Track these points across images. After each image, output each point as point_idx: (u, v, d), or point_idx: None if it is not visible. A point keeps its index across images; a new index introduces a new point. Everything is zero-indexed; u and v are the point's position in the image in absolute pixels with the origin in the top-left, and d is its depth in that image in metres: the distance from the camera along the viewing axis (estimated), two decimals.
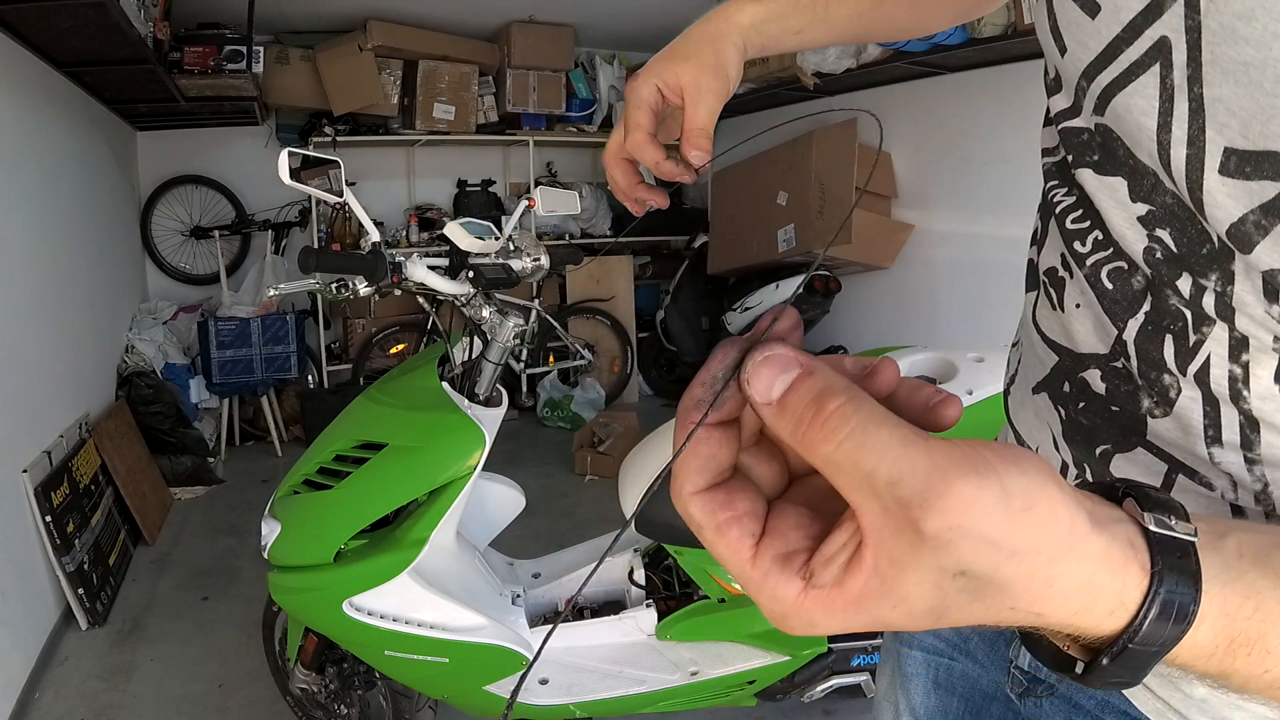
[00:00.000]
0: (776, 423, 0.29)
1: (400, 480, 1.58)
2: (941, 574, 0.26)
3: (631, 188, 0.68)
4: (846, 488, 0.27)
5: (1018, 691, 0.58)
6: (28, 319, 2.67)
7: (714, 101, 0.61)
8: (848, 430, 0.27)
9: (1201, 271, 0.39)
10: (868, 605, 0.27)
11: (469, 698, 1.72)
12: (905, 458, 0.26)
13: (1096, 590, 0.28)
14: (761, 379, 0.29)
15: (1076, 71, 0.42)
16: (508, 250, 1.80)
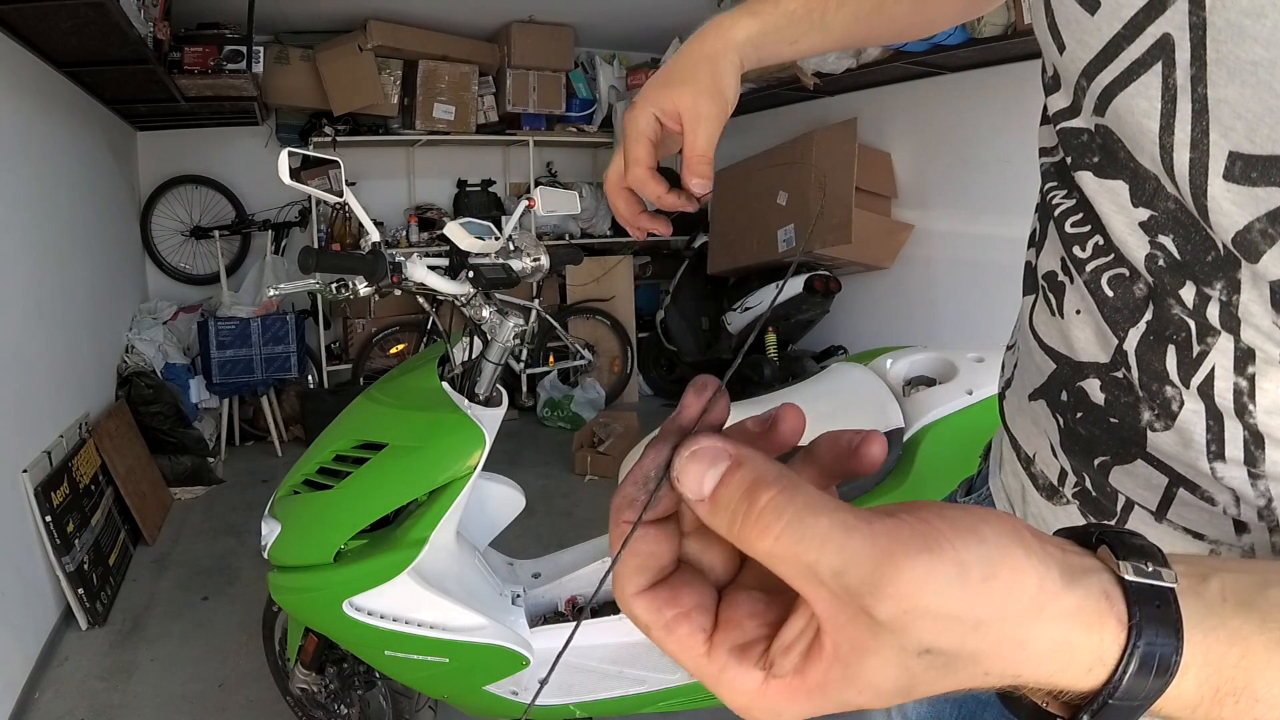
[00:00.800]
0: (711, 519, 0.28)
1: (400, 480, 1.58)
2: (904, 654, 0.25)
3: (635, 217, 0.68)
4: (792, 579, 0.26)
5: None
6: (28, 319, 2.67)
7: (713, 127, 0.61)
8: (783, 524, 0.26)
9: (1206, 280, 0.37)
10: (831, 692, 0.26)
11: (469, 698, 1.72)
12: (847, 546, 0.25)
13: (1073, 649, 0.27)
14: (691, 475, 0.28)
15: (1076, 70, 0.40)
16: (508, 250, 1.80)
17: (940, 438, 1.65)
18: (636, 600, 0.29)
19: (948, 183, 3.88)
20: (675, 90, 0.61)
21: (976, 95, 3.66)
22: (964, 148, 3.75)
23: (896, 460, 1.68)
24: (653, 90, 0.62)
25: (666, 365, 5.24)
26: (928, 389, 1.74)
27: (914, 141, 4.06)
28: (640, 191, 0.64)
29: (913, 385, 1.80)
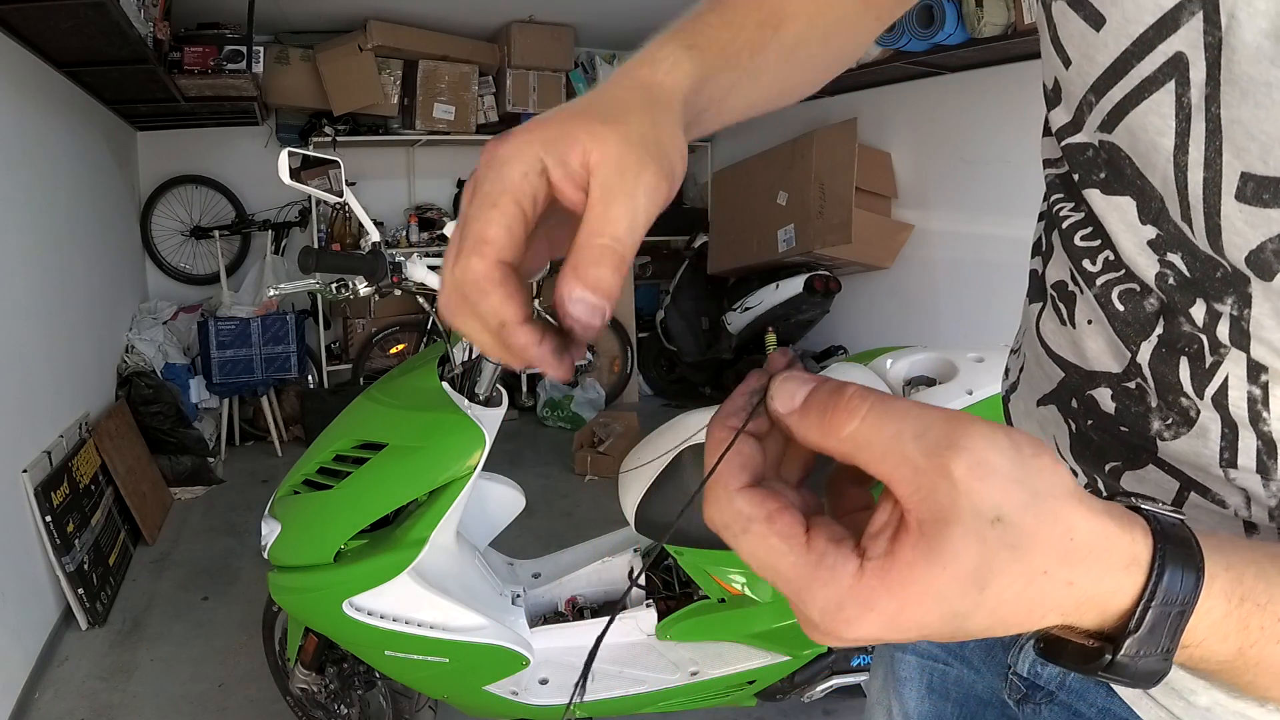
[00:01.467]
0: (802, 424, 0.30)
1: (400, 480, 1.58)
2: (980, 521, 0.27)
3: (498, 348, 0.36)
4: (875, 460, 0.28)
5: (1016, 698, 0.57)
6: (28, 319, 2.67)
7: (646, 202, 0.33)
8: (868, 405, 0.29)
9: (1217, 296, 0.37)
10: (919, 573, 0.27)
11: (469, 698, 1.72)
12: (924, 415, 0.28)
13: (1112, 542, 0.29)
14: (784, 392, 0.31)
15: (1083, 86, 0.40)
16: None
17: None
18: (740, 493, 0.31)
19: (948, 183, 3.88)
20: (590, 129, 0.34)
21: (976, 95, 3.66)
22: (964, 148, 3.75)
23: None
24: (547, 126, 0.35)
25: (666, 365, 5.24)
26: (928, 389, 1.74)
27: (914, 141, 4.06)
28: (480, 309, 0.34)
29: (913, 385, 1.80)
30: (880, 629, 0.28)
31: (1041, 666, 0.55)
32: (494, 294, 0.33)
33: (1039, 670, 0.55)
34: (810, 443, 0.30)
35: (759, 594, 1.72)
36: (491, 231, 0.33)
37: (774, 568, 0.29)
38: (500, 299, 0.33)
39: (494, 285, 0.33)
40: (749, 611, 1.73)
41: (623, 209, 0.33)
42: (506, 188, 0.34)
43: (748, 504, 0.30)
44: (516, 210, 0.34)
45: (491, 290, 0.33)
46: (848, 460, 0.29)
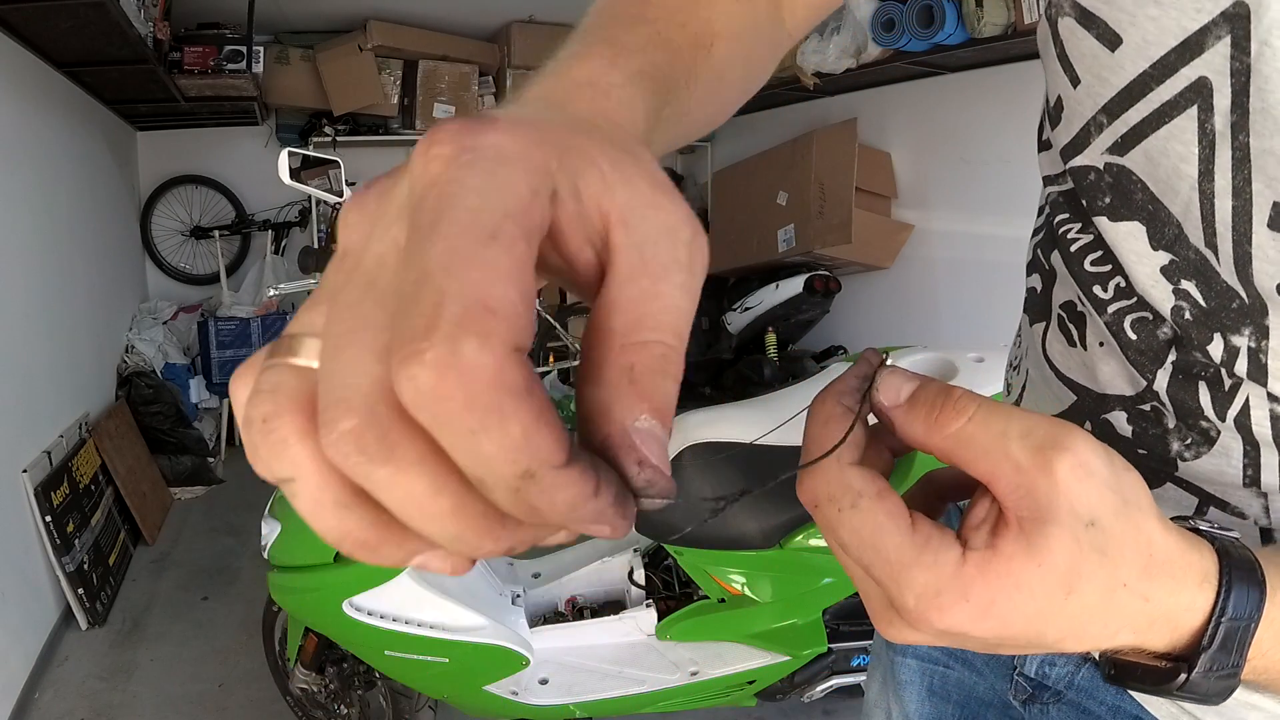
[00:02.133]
0: (908, 418, 0.30)
1: None
2: (1076, 523, 0.27)
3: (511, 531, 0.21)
4: (978, 458, 0.28)
5: (1021, 699, 0.57)
6: (28, 319, 2.67)
7: (699, 282, 0.23)
8: (975, 405, 0.29)
9: (1234, 328, 0.36)
10: (1016, 566, 0.27)
11: (469, 698, 1.72)
12: (1028, 417, 0.28)
13: (1185, 558, 0.29)
14: (890, 386, 0.31)
15: (1093, 106, 0.38)
16: None
17: None
18: (852, 467, 0.30)
19: (948, 183, 3.88)
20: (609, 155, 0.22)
21: (976, 95, 3.66)
22: (964, 148, 3.75)
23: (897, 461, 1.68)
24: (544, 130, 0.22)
25: None
26: None
27: (914, 141, 4.06)
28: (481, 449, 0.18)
29: None
30: (969, 621, 0.28)
31: (1049, 667, 0.54)
32: (519, 417, 0.18)
33: (1046, 671, 0.54)
34: (913, 437, 0.30)
35: (759, 594, 1.72)
36: (499, 292, 0.18)
37: (877, 546, 0.29)
38: (530, 424, 0.18)
39: (518, 399, 0.18)
40: (749, 611, 1.73)
41: (679, 291, 0.22)
42: (511, 210, 0.19)
43: (860, 478, 0.30)
44: (527, 254, 0.20)
45: (515, 409, 0.18)
46: (947, 457, 0.29)
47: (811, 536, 1.70)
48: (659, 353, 0.21)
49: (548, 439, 0.18)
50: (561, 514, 0.19)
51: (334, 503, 0.20)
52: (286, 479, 0.20)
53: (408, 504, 0.19)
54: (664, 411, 0.21)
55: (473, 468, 0.18)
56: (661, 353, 0.21)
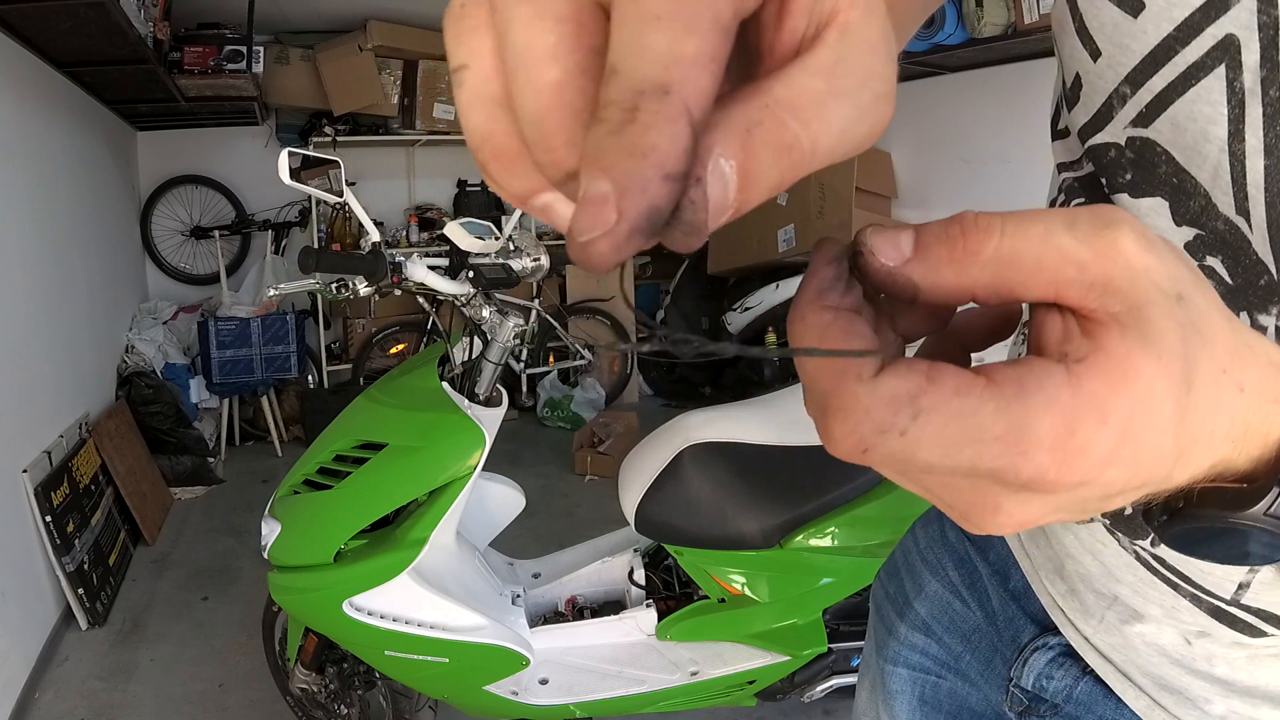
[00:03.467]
0: (926, 267, 0.24)
1: (400, 480, 1.58)
2: (1168, 299, 0.22)
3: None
4: (1032, 274, 0.23)
5: (1018, 710, 0.56)
6: (28, 319, 2.67)
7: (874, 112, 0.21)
8: (1001, 219, 0.23)
9: (1260, 307, 0.35)
10: (1138, 363, 0.22)
11: (469, 698, 1.72)
12: (1060, 211, 0.23)
13: (1265, 347, 0.25)
14: (886, 242, 0.24)
15: (1115, 78, 0.37)
16: (508, 250, 1.80)
17: None
18: (882, 378, 0.22)
19: (948, 183, 3.88)
20: None
21: (976, 95, 3.66)
22: (964, 148, 3.75)
23: None
24: None
25: (666, 365, 5.24)
26: None
27: (914, 141, 4.07)
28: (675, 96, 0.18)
29: None
30: (1115, 446, 0.22)
31: (1047, 680, 0.53)
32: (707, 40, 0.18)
33: (1044, 684, 0.54)
34: (942, 287, 0.23)
35: (759, 594, 1.72)
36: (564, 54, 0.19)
37: (974, 434, 0.22)
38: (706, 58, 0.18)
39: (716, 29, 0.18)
40: (749, 611, 1.73)
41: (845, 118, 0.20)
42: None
43: (897, 382, 0.22)
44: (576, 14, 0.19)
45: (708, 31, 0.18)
46: (992, 290, 0.23)
47: (812, 536, 1.70)
48: (788, 138, 0.19)
49: (703, 84, 0.18)
50: (630, 164, 0.18)
51: (491, 99, 0.20)
52: (460, 65, 0.20)
53: (523, 54, 0.19)
54: (749, 176, 0.20)
55: (621, 50, 0.18)
56: (791, 142, 0.19)
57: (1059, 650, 0.53)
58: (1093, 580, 0.48)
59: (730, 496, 1.67)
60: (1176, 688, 0.45)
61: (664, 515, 1.69)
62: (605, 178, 0.18)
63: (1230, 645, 0.41)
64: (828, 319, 0.23)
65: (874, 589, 0.73)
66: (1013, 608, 0.58)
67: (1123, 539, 0.44)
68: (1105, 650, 0.49)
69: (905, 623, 0.66)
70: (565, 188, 0.20)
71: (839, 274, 0.25)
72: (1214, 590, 0.40)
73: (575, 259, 0.19)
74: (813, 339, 0.24)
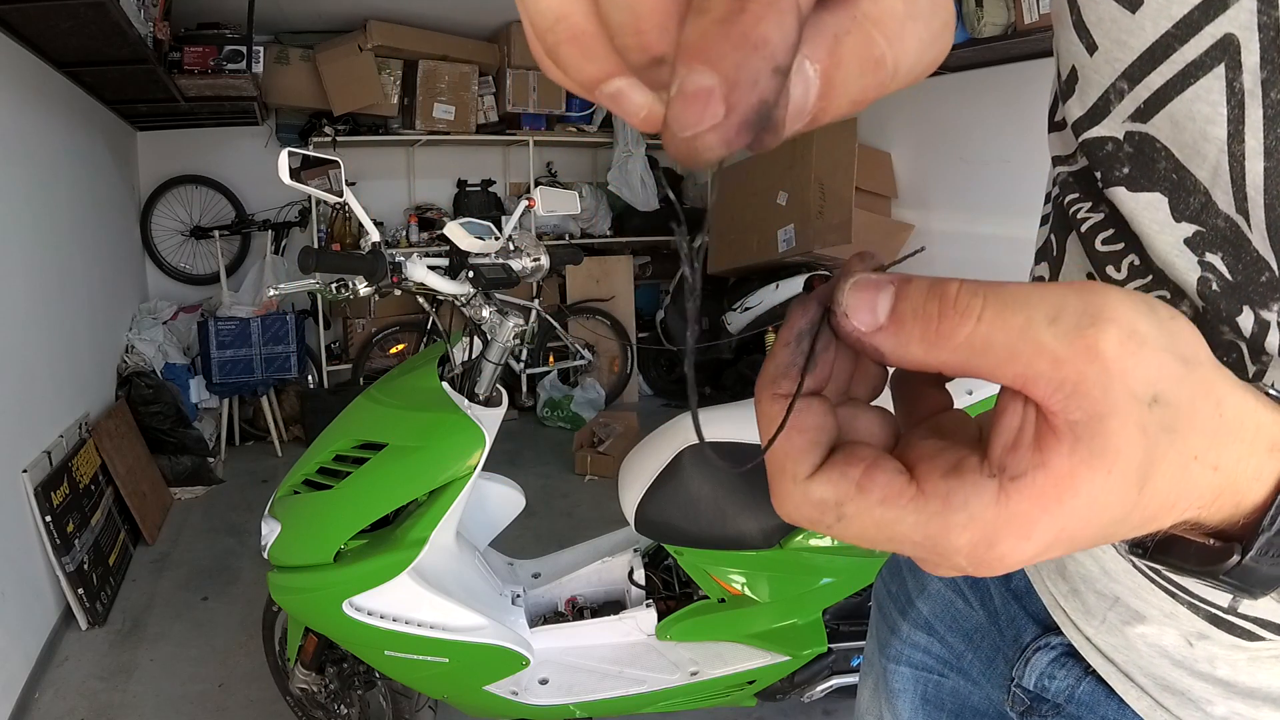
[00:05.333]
0: (896, 341, 0.24)
1: (400, 480, 1.58)
2: (1138, 406, 0.23)
3: None
4: (1003, 364, 0.23)
5: (1019, 710, 0.56)
6: (27, 319, 2.67)
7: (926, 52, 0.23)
8: (982, 300, 0.23)
9: (1262, 302, 0.34)
10: (1082, 483, 0.22)
11: (469, 698, 1.72)
12: (1049, 293, 0.23)
13: (1257, 418, 0.25)
14: (861, 304, 0.24)
15: (1112, 73, 0.37)
16: (508, 250, 1.80)
17: None
18: (814, 482, 0.24)
19: (948, 183, 3.88)
20: None
21: (976, 95, 3.66)
22: (964, 148, 3.75)
23: None
24: None
25: (666, 365, 5.24)
26: None
27: (914, 141, 4.07)
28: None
29: None
30: (1037, 553, 0.23)
31: (1049, 680, 0.53)
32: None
33: (1046, 684, 0.53)
34: (910, 361, 0.24)
35: (759, 594, 1.72)
36: None
37: (896, 539, 0.24)
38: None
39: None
40: (749, 611, 1.73)
41: (921, 40, 0.22)
42: None
43: (826, 488, 0.24)
44: None
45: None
46: (961, 371, 0.24)
47: (812, 536, 1.70)
48: (876, 52, 0.20)
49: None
50: (741, 56, 0.17)
51: None
52: None
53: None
54: (833, 84, 0.20)
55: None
56: (879, 56, 0.20)
57: (1061, 650, 0.53)
58: (1094, 581, 0.48)
59: (730, 496, 1.67)
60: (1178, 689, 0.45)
61: (664, 515, 1.69)
62: (710, 70, 0.17)
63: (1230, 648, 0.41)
64: (777, 410, 0.25)
65: (876, 587, 0.73)
66: (1015, 607, 0.58)
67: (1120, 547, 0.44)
68: (1107, 651, 0.49)
69: (908, 621, 0.66)
70: (647, 74, 0.19)
71: (795, 357, 0.25)
72: (1211, 598, 0.39)
73: (675, 154, 0.19)
74: (764, 426, 0.25)
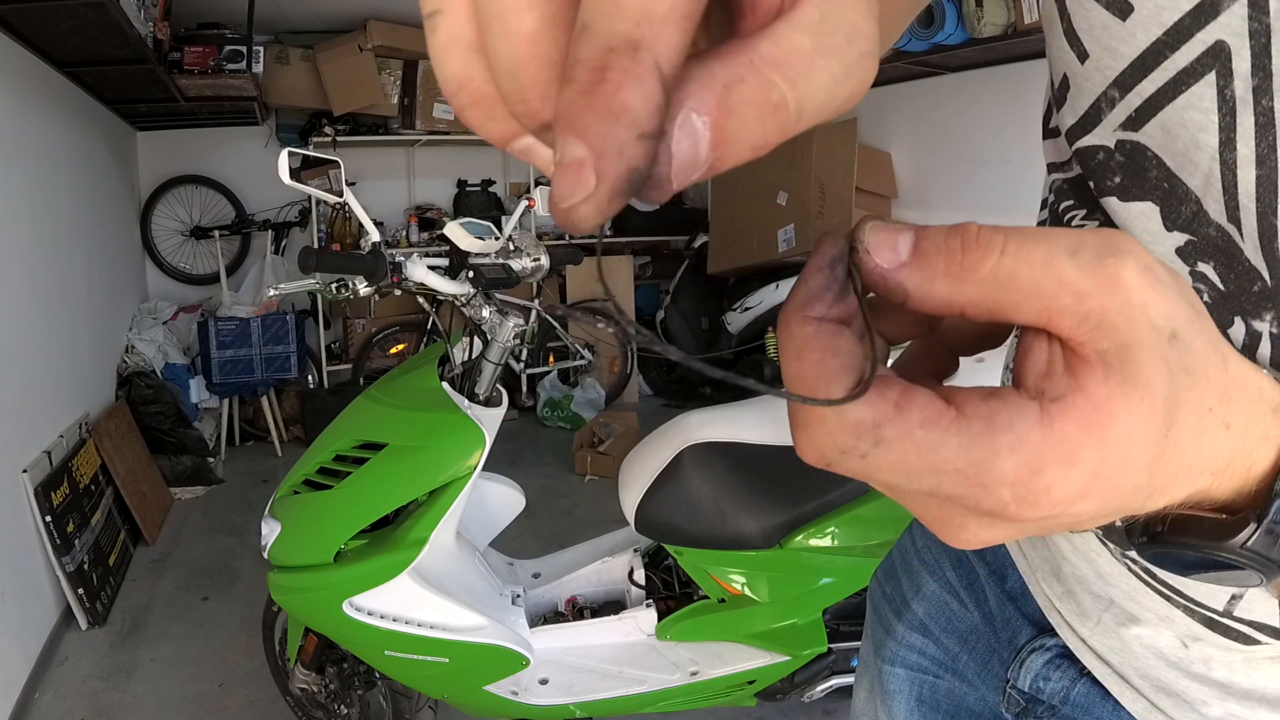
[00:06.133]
0: (921, 275, 0.23)
1: (400, 480, 1.58)
2: (1160, 339, 0.22)
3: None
4: (1027, 297, 0.22)
5: (1014, 711, 0.56)
6: (28, 319, 2.67)
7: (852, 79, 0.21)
8: (1003, 237, 0.23)
9: (1254, 313, 0.34)
10: (1119, 408, 0.22)
11: (469, 698, 1.72)
12: (1067, 232, 0.23)
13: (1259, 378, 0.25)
14: (883, 243, 0.24)
15: (1103, 81, 0.36)
16: (508, 250, 1.80)
17: None
18: (852, 405, 0.23)
19: (948, 183, 3.88)
20: None
21: (976, 95, 3.66)
22: (964, 148, 3.75)
23: None
24: None
25: (666, 365, 5.24)
26: None
27: (914, 141, 4.07)
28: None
29: None
30: (1083, 487, 0.22)
31: (1044, 681, 0.53)
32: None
33: (1041, 685, 0.53)
34: (934, 298, 0.23)
35: (759, 594, 1.72)
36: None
37: (935, 466, 0.22)
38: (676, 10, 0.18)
39: None
40: (749, 611, 1.73)
41: (831, 77, 0.20)
42: None
43: (865, 408, 0.23)
44: None
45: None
46: (984, 308, 0.23)
47: (812, 536, 1.70)
48: (774, 97, 0.19)
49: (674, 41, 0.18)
50: (604, 127, 0.17)
51: (467, 45, 0.20)
52: (434, 10, 0.20)
53: (497, 2, 0.18)
54: (726, 134, 0.19)
55: (592, 5, 0.18)
56: (777, 101, 0.19)
57: (1056, 652, 0.53)
58: (1089, 583, 0.47)
59: (730, 496, 1.67)
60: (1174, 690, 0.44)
61: (664, 515, 1.69)
62: (580, 141, 0.17)
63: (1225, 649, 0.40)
64: (809, 332, 0.24)
65: (871, 589, 0.73)
66: (1010, 608, 0.58)
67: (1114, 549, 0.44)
68: (1102, 652, 0.49)
69: (903, 623, 0.66)
70: (543, 136, 0.20)
71: (829, 282, 0.24)
72: (1206, 602, 0.39)
73: (559, 223, 0.19)
74: (793, 350, 0.24)
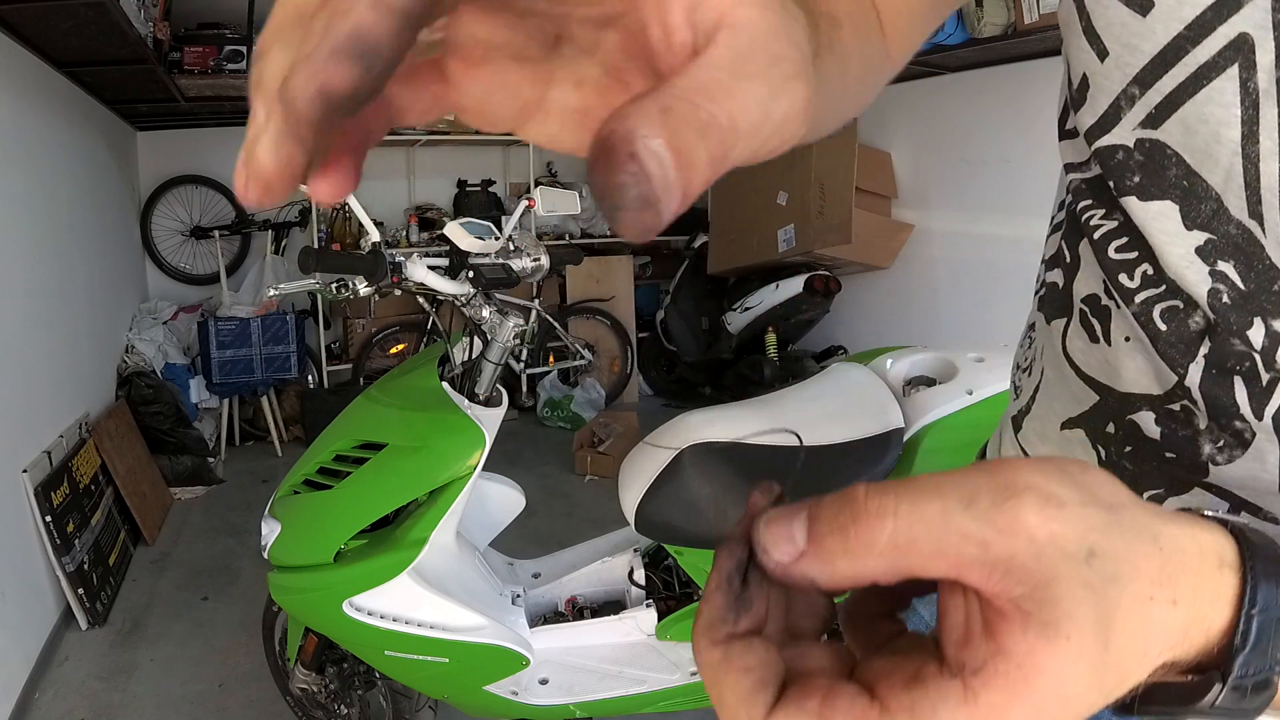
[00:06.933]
0: (822, 562, 0.24)
1: (400, 480, 1.58)
2: (1076, 564, 0.22)
3: None
4: (931, 557, 0.23)
5: None
6: (27, 319, 2.67)
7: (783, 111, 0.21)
8: (893, 498, 0.23)
9: (1274, 312, 0.34)
10: (1043, 658, 0.22)
11: (469, 698, 1.72)
12: (960, 479, 0.23)
13: (1197, 541, 0.25)
14: (778, 536, 0.24)
15: (1123, 79, 0.36)
16: (508, 250, 1.80)
17: (940, 438, 1.65)
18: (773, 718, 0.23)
19: (948, 183, 3.88)
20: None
21: (976, 95, 3.66)
22: (964, 148, 3.75)
23: (896, 460, 1.68)
24: None
25: (666, 365, 5.24)
26: (928, 389, 1.74)
27: (914, 141, 4.07)
28: None
29: (913, 385, 1.80)
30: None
31: None
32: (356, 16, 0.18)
33: None
34: (840, 579, 0.24)
35: None
36: None
37: None
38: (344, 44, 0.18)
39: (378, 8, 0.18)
40: None
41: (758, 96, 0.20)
42: None
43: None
44: None
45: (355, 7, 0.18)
46: (894, 576, 0.23)
47: None
48: (704, 117, 0.19)
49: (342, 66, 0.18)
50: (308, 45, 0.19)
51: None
52: None
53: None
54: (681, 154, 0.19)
55: None
56: (707, 120, 0.19)
57: None
58: None
59: (730, 496, 1.67)
60: None
61: (664, 515, 1.68)
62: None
63: None
64: (718, 657, 0.24)
65: None
66: None
67: None
68: None
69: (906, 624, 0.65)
70: None
71: (730, 600, 0.25)
72: None
73: None
74: (709, 679, 0.24)
